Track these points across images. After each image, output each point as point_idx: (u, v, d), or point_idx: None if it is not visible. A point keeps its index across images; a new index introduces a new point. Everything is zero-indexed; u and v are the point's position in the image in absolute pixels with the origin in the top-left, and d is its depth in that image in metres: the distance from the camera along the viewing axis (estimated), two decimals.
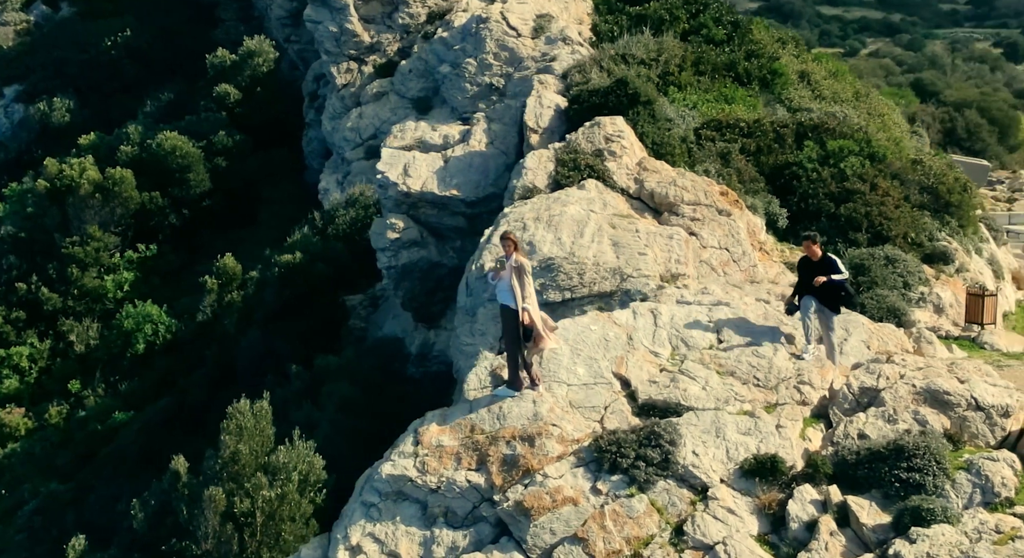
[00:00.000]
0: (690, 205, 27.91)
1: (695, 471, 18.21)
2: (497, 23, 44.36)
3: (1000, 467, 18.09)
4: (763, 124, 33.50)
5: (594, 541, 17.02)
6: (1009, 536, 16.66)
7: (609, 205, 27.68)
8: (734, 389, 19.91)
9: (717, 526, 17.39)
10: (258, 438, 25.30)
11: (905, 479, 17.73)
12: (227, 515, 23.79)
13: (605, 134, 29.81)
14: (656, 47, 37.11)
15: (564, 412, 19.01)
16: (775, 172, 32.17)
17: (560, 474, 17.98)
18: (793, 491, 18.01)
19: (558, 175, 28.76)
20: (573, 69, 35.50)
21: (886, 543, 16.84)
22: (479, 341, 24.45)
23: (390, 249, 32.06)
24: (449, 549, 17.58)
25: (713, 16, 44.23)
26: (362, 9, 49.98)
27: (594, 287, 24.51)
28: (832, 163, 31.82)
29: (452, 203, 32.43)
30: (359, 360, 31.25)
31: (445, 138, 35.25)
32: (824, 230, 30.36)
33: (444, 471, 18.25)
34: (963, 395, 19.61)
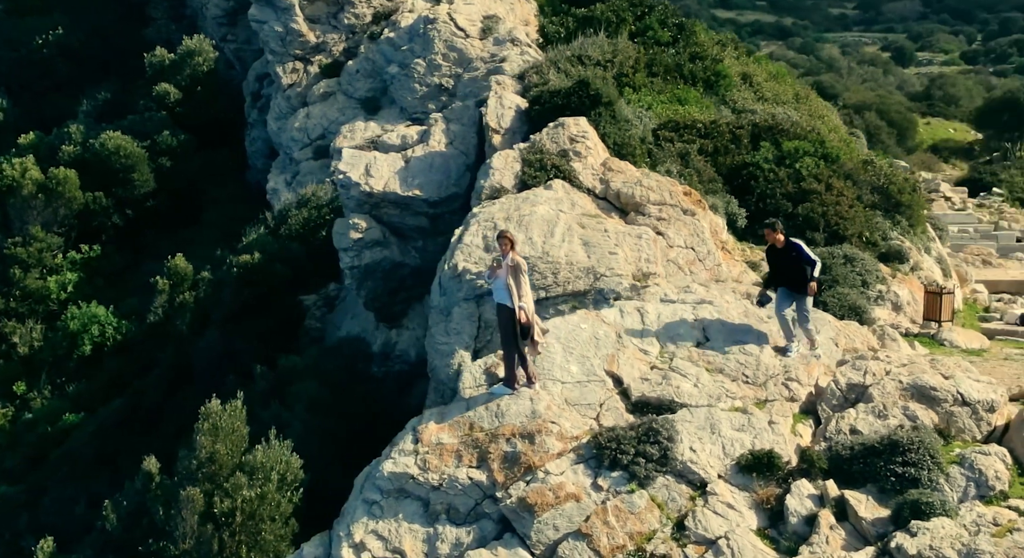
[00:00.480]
0: (656, 205, 28.33)
1: (693, 467, 18.56)
2: (445, 24, 44.60)
3: (992, 461, 18.56)
4: (719, 125, 34.03)
5: (598, 537, 17.31)
6: (1007, 529, 17.10)
7: (577, 205, 28.03)
8: (725, 386, 20.29)
9: (718, 521, 17.73)
10: (233, 438, 25.34)
11: (901, 473, 18.14)
12: (207, 515, 23.82)
13: (569, 135, 30.14)
14: (611, 49, 37.52)
15: (561, 410, 19.32)
16: (732, 172, 32.70)
17: (561, 471, 18.27)
18: (790, 486, 18.40)
19: (525, 175, 29.01)
20: (530, 70, 35.79)
21: (886, 536, 17.23)
22: (454, 340, 24.65)
23: (353, 249, 32.16)
24: (453, 545, 17.80)
25: (659, 18, 44.74)
26: (307, 9, 49.97)
27: (568, 286, 24.80)
28: (788, 163, 32.39)
29: (415, 203, 32.60)
30: (325, 360, 31.35)
31: (403, 139, 35.39)
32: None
33: (445, 468, 18.47)
34: (949, 391, 20.12)
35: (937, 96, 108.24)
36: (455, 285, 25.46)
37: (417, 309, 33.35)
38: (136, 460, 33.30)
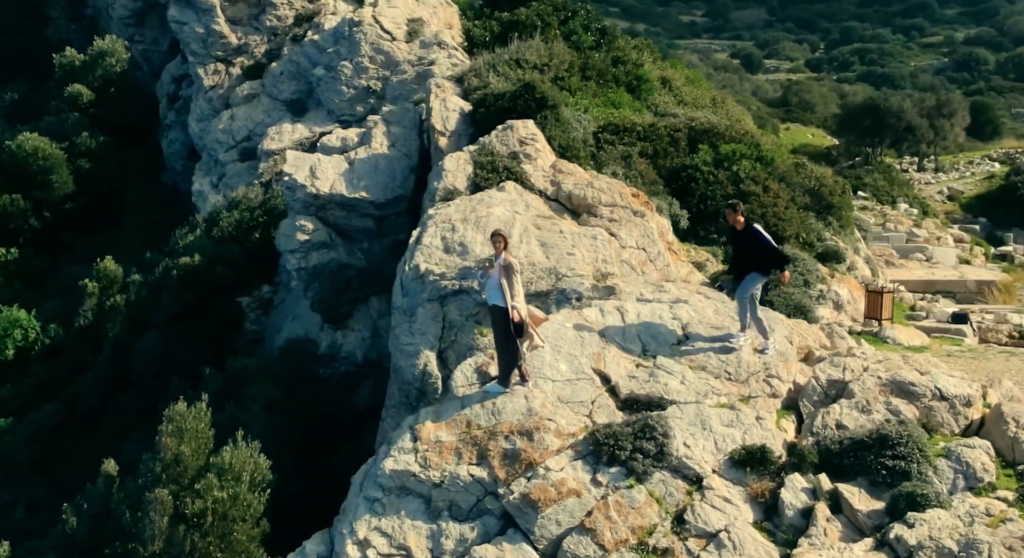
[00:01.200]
0: (607, 206, 28.91)
1: (688, 462, 19.00)
2: (371, 26, 44.91)
3: (978, 454, 19.22)
4: (658, 128, 34.72)
5: (602, 531, 17.67)
6: (999, 519, 17.73)
7: (531, 206, 28.51)
8: (709, 383, 20.80)
9: (716, 515, 18.18)
10: (198, 440, 25.39)
11: (891, 467, 18.69)
12: (176, 517, 23.85)
13: (519, 137, 30.60)
14: (547, 53, 38.08)
15: (555, 407, 19.68)
16: (672, 175, 33.41)
17: (560, 467, 18.62)
18: (784, 480, 18.92)
19: (477, 177, 29.40)
20: (468, 73, 36.17)
21: (883, 528, 17.80)
22: (419, 341, 24.94)
23: (300, 251, 32.31)
24: (458, 541, 18.05)
25: (582, 23, 45.43)
26: (228, 10, 49.93)
27: (531, 287, 25.17)
28: (726, 166, 33.22)
29: (361, 205, 32.84)
30: (276, 362, 31.47)
31: (343, 141, 35.62)
32: (723, 231, 31.78)
33: (446, 466, 18.74)
34: (927, 386, 20.81)
35: (794, 102, 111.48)
36: (418, 286, 25.75)
37: (363, 310, 33.62)
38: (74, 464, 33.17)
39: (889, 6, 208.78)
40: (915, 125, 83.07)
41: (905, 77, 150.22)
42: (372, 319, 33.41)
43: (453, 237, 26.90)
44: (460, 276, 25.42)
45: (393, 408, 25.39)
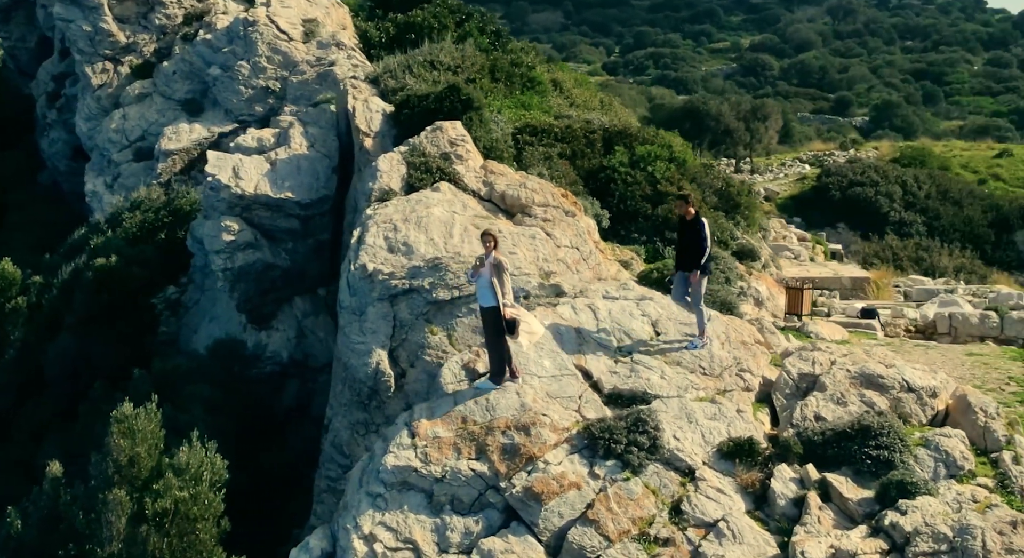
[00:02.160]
0: (540, 207, 29.56)
1: (680, 454, 19.62)
2: (266, 26, 44.90)
3: (956, 442, 20.12)
4: (574, 130, 35.53)
5: (605, 522, 18.21)
6: (985, 505, 18.58)
7: (468, 207, 29.03)
8: (688, 378, 21.49)
9: (712, 505, 18.82)
10: (151, 441, 25.36)
11: (875, 456, 19.45)
12: (135, 517, 23.83)
13: (449, 138, 31.07)
14: (459, 54, 38.61)
15: (546, 402, 20.22)
16: (590, 176, 34.20)
17: (559, 460, 19.13)
18: (773, 471, 19.62)
19: (411, 178, 29.77)
20: (384, 74, 36.46)
21: (875, 516, 18.58)
22: (371, 340, 25.21)
23: (225, 251, 32.25)
24: (463, 535, 18.43)
25: (477, 25, 46.08)
26: (116, 8, 49.37)
27: None
28: (642, 167, 34.19)
29: (287, 205, 32.95)
30: (209, 362, 31.41)
31: (259, 141, 35.62)
32: (643, 230, 32.79)
33: (446, 461, 19.12)
34: (895, 378, 21.73)
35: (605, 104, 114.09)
36: (366, 286, 26.05)
37: (287, 311, 33.72)
38: None
39: (678, 12, 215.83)
40: (732, 128, 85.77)
41: (697, 81, 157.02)
42: (297, 319, 33.54)
43: (396, 237, 27.27)
44: (410, 275, 25.80)
45: (344, 407, 25.62)
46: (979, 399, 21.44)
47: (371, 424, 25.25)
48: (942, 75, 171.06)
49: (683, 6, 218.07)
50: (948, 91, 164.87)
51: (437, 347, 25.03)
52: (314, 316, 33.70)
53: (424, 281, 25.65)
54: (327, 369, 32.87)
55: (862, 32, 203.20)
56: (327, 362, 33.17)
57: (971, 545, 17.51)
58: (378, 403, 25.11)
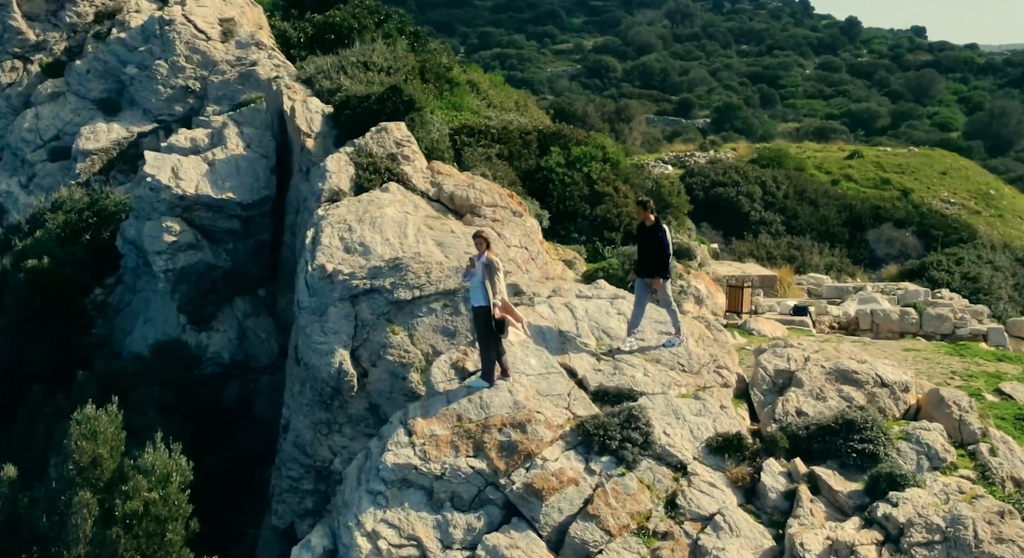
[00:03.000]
0: (489, 207, 29.95)
1: (671, 450, 20.02)
2: (184, 26, 44.66)
3: (935, 435, 20.73)
4: (510, 131, 35.95)
5: (605, 517, 18.56)
6: (971, 495, 19.15)
7: (420, 207, 29.33)
8: (669, 375, 21.93)
9: (706, 499, 19.27)
10: (113, 442, 25.24)
11: (861, 450, 19.96)
12: (105, 519, 23.74)
13: (394, 139, 31.27)
14: (392, 55, 38.76)
15: (538, 400, 20.55)
16: (527, 176, 34.65)
17: (555, 457, 19.46)
18: (762, 465, 20.09)
19: (360, 178, 29.93)
20: (318, 75, 36.50)
21: (866, 508, 19.09)
22: (333, 340, 25.34)
23: (167, 252, 32.05)
24: (466, 531, 18.67)
25: (397, 26, 46.27)
26: (25, 6, 48.62)
27: (440, 285, 25.94)
28: (578, 168, 34.74)
29: (229, 206, 32.85)
30: (153, 364, 31.19)
31: (193, 141, 35.39)
32: (582, 230, 33.34)
33: (445, 459, 19.35)
34: (869, 373, 22.34)
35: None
36: (326, 286, 26.20)
37: (227, 312, 33.60)
38: None
39: (521, 13, 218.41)
40: (599, 129, 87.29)
41: (544, 82, 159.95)
42: (238, 320, 33.45)
43: (352, 237, 27.47)
44: (371, 275, 26.01)
45: (305, 407, 25.71)
46: (951, 394, 22.12)
47: (334, 424, 25.41)
48: (777, 78, 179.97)
49: (526, 7, 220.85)
50: (783, 94, 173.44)
51: (399, 347, 25.30)
52: (255, 317, 33.65)
53: (385, 281, 25.87)
54: (269, 370, 32.92)
55: (700, 36, 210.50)
56: (269, 363, 33.21)
57: (963, 535, 18.12)
58: (340, 403, 25.28)
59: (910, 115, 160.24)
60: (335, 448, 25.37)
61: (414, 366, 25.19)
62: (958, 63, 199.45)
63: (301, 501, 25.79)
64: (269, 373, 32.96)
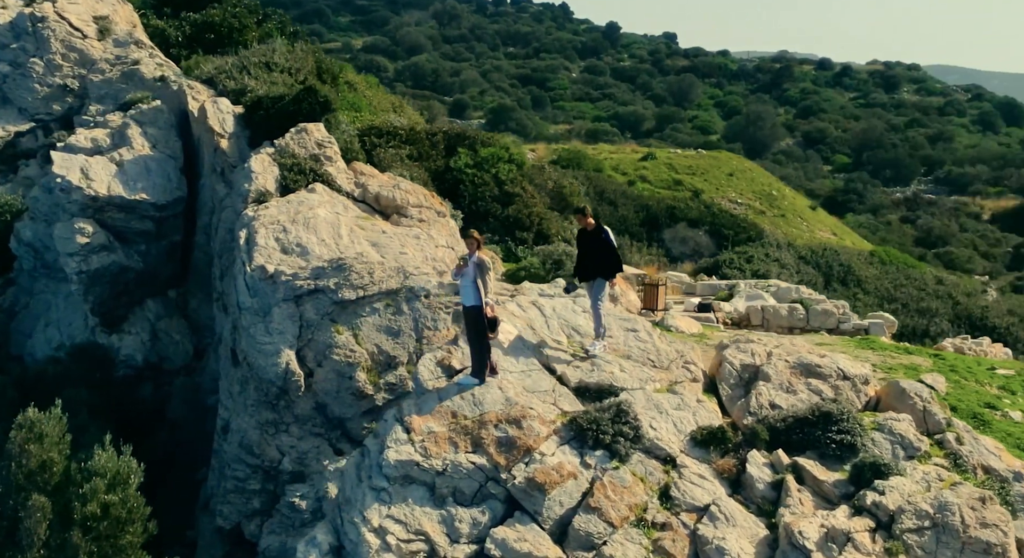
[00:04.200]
0: (415, 207, 30.32)
1: (659, 443, 20.59)
2: (58, 23, 43.89)
3: (906, 426, 21.56)
4: (418, 132, 36.32)
5: (607, 509, 19.07)
6: (950, 483, 20.01)
7: (349, 208, 29.57)
8: (643, 371, 22.47)
9: (698, 491, 19.87)
10: (60, 446, 24.99)
11: (839, 441, 20.69)
12: (63, 521, 23.54)
13: (315, 140, 31.37)
14: (292, 55, 38.70)
15: (528, 396, 20.98)
16: (437, 177, 35.12)
17: (551, 452, 19.90)
18: (746, 456, 20.72)
19: (286, 179, 29.97)
20: (221, 75, 36.29)
21: (853, 496, 19.84)
22: (278, 340, 25.45)
23: (80, 254, 31.51)
24: (472, 525, 19.01)
25: (277, 26, 46.18)
26: None
27: (383, 285, 26.27)
28: (486, 169, 35.34)
29: (142, 207, 32.46)
30: (71, 366, 30.64)
31: (93, 141, 34.80)
32: (495, 230, 33.95)
33: (446, 455, 19.66)
34: (831, 367, 23.14)
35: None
36: (269, 287, 26.27)
37: (138, 313, 33.18)
38: None
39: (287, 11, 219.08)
40: None
41: None
42: (150, 321, 33.07)
43: (288, 238, 27.59)
44: (314, 276, 26.19)
45: (250, 407, 25.75)
46: (912, 385, 23.03)
47: (280, 424, 25.53)
48: (545, 81, 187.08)
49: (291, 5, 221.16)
50: (553, 96, 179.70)
51: (344, 346, 25.57)
52: (167, 318, 33.32)
53: (329, 281, 26.09)
54: (183, 372, 32.68)
55: (468, 37, 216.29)
56: (183, 365, 32.95)
57: (951, 520, 19.00)
58: (287, 403, 25.42)
59: (673, 118, 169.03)
60: (283, 448, 25.48)
61: (360, 365, 25.48)
62: (713, 69, 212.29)
63: (248, 501, 25.82)
64: (183, 375, 32.74)
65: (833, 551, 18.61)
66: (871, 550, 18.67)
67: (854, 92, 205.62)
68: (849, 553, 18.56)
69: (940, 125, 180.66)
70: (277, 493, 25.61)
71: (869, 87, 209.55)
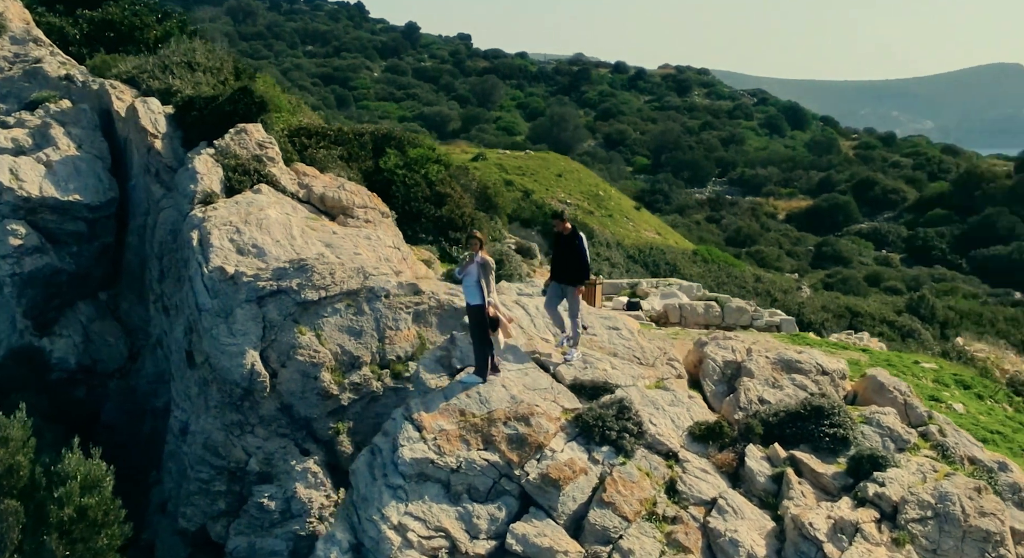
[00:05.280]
0: (360, 208, 30.45)
1: (661, 438, 21.01)
2: None
3: (893, 419, 22.22)
4: (346, 133, 36.34)
5: (620, 504, 19.45)
6: (944, 473, 20.72)
7: (297, 209, 29.61)
8: (632, 367, 22.89)
9: (703, 485, 20.34)
10: (25, 450, 24.68)
11: (832, 434, 21.27)
12: (36, 525, 23.29)
13: (256, 140, 31.26)
14: (213, 55, 38.38)
15: (532, 394, 21.26)
16: (367, 178, 35.23)
17: (560, 448, 20.24)
18: (744, 451, 21.24)
19: (231, 180, 29.86)
20: (143, 74, 35.86)
21: (853, 488, 20.40)
22: (242, 341, 25.33)
23: (12, 256, 30.87)
24: (490, 521, 19.26)
25: (177, 25, 45.76)
26: None
27: (343, 286, 26.40)
28: (416, 169, 35.55)
29: (75, 208, 31.92)
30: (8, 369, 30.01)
31: (14, 142, 34.07)
32: (427, 230, 34.24)
33: (459, 452, 19.87)
34: (810, 362, 23.77)
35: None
36: (229, 288, 26.19)
37: (70, 316, 32.60)
38: None
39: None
40: None
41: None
42: (82, 324, 32.53)
43: (242, 239, 27.55)
44: (276, 277, 26.22)
45: (214, 408, 25.58)
46: (890, 379, 23.79)
47: (246, 425, 25.47)
48: (347, 80, 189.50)
49: None
50: (356, 96, 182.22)
51: (308, 347, 25.62)
52: (100, 321, 32.79)
53: (292, 282, 26.12)
54: (117, 375, 32.28)
55: (266, 35, 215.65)
56: (117, 368, 32.53)
57: (952, 510, 19.71)
58: (251, 403, 25.39)
59: (479, 119, 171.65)
60: (249, 449, 25.43)
61: (325, 365, 25.55)
62: (513, 70, 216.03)
63: (213, 503, 25.69)
64: (118, 378, 32.30)
65: (843, 542, 19.16)
66: (879, 540, 19.25)
67: (648, 95, 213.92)
68: (859, 544, 19.12)
69: (731, 128, 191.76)
70: (244, 494, 25.53)
71: (663, 90, 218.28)
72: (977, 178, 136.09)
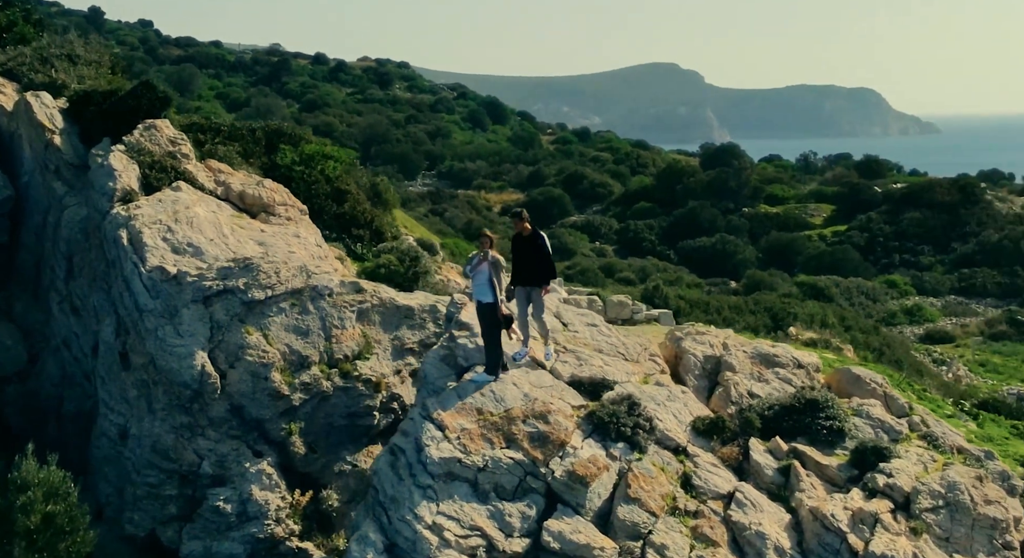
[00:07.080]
0: (281, 206, 29.96)
1: (669, 434, 21.20)
2: None
3: (881, 411, 22.69)
4: (239, 129, 35.56)
5: (646, 499, 19.59)
6: (942, 463, 21.25)
7: (223, 207, 29.01)
8: (621, 364, 23.00)
9: (717, 479, 20.59)
10: None
11: (828, 426, 21.70)
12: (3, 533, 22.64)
13: (168, 137, 30.36)
14: (91, 48, 37.06)
15: (542, 392, 21.27)
16: (265, 174, 34.62)
17: (580, 445, 20.29)
18: (748, 444, 21.52)
19: (147, 178, 29.01)
20: (21, 67, 34.39)
21: (859, 479, 20.81)
22: (191, 342, 24.71)
23: None
24: (522, 519, 19.22)
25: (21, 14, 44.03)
26: None
27: (288, 285, 26.08)
28: (313, 166, 35.06)
29: None
30: None
31: None
32: (330, 227, 33.90)
33: (484, 451, 19.77)
34: (786, 356, 24.19)
35: None
36: (172, 288, 25.52)
37: None
38: None
39: None
40: None
41: None
42: None
43: (176, 238, 26.96)
44: (221, 276, 25.78)
45: (162, 411, 24.97)
46: (865, 372, 24.34)
47: (196, 427, 24.97)
48: None
49: None
50: None
51: (257, 347, 25.29)
52: None
53: (238, 281, 25.68)
54: (16, 379, 31.09)
55: None
56: (15, 371, 31.27)
57: (961, 499, 20.37)
58: (201, 405, 24.92)
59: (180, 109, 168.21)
60: (200, 452, 24.92)
61: (274, 366, 25.24)
62: (210, 59, 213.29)
63: (163, 507, 25.06)
64: (16, 382, 30.98)
65: (864, 532, 19.61)
66: (898, 530, 19.75)
67: (351, 87, 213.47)
68: (880, 534, 19.60)
69: (436, 122, 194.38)
70: (197, 497, 25.01)
71: (365, 83, 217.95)
72: (677, 173, 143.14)
